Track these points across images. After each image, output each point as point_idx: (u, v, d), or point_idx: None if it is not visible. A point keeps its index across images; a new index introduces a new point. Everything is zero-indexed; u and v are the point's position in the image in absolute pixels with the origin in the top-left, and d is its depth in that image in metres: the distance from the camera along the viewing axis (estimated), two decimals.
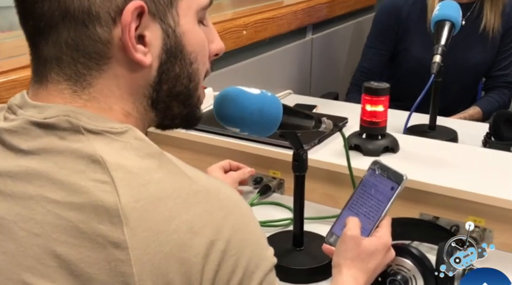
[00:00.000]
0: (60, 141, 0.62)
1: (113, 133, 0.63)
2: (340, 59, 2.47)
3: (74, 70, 0.64)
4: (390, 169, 0.97)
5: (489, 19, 1.81)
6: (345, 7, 2.41)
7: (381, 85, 1.31)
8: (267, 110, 0.91)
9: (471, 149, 1.41)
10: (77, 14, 0.62)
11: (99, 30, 0.63)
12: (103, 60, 0.64)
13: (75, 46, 0.63)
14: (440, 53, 1.48)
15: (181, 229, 0.58)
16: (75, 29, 0.62)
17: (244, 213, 0.64)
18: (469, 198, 1.15)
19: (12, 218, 0.60)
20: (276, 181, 1.36)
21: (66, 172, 0.60)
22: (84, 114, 0.63)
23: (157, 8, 0.65)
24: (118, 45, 0.64)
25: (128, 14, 0.62)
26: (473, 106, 1.90)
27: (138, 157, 0.61)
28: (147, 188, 0.59)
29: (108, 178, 0.59)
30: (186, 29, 0.68)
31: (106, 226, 0.57)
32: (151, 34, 0.65)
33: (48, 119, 0.63)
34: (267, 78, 1.98)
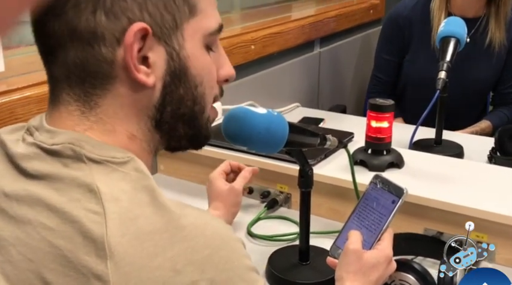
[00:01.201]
0: (63, 168, 0.63)
1: (114, 163, 0.64)
2: (348, 72, 2.49)
3: (82, 89, 0.67)
4: (391, 183, 0.99)
5: (494, 34, 1.83)
6: (352, 20, 2.44)
7: (386, 102, 1.34)
8: (274, 129, 0.94)
9: (476, 165, 1.43)
10: (83, 34, 0.64)
11: (104, 50, 0.65)
12: (107, 80, 0.66)
13: (81, 65, 0.66)
14: (445, 69, 1.50)
15: (164, 267, 0.58)
16: (82, 49, 0.65)
17: (230, 250, 0.63)
18: (472, 214, 1.16)
19: (12, 241, 0.62)
20: (283, 195, 1.39)
21: (63, 199, 0.61)
22: (89, 142, 0.65)
23: (162, 30, 0.66)
24: (121, 65, 0.65)
25: (131, 35, 0.64)
26: (484, 120, 1.92)
27: (134, 189, 0.62)
28: (136, 223, 0.59)
29: (100, 208, 0.59)
30: (191, 53, 0.69)
31: (91, 257, 0.58)
32: (155, 56, 0.67)
33: (55, 146, 0.65)
34: (275, 92, 2.01)
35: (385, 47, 2.05)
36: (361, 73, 2.53)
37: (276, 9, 2.40)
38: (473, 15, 1.86)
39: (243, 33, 1.85)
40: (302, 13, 2.30)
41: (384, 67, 2.07)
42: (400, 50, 2.00)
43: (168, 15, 0.67)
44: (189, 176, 1.51)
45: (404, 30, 1.96)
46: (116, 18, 0.64)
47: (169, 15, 0.67)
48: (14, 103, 1.18)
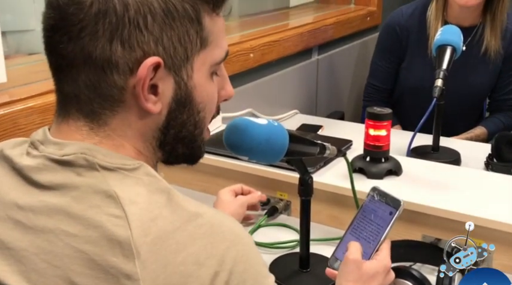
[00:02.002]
0: (77, 177, 0.66)
1: (126, 169, 0.67)
2: (346, 79, 2.51)
3: (90, 108, 0.69)
4: (388, 195, 1.01)
5: (490, 42, 1.85)
6: (350, 28, 2.46)
7: (384, 110, 1.36)
8: (274, 139, 0.96)
9: (473, 172, 1.45)
10: (97, 61, 0.67)
11: (116, 77, 0.67)
12: (116, 103, 0.69)
13: (92, 87, 0.68)
14: (442, 77, 1.52)
15: (187, 261, 0.63)
16: (94, 73, 0.67)
17: (245, 244, 0.68)
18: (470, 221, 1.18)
19: (34, 250, 0.64)
20: (283, 202, 1.40)
21: (82, 206, 0.64)
22: (100, 152, 0.68)
23: (173, 62, 0.69)
24: (131, 93, 0.68)
25: (145, 69, 0.67)
26: (479, 126, 1.94)
27: (149, 192, 0.66)
28: (156, 223, 0.63)
29: (121, 212, 0.63)
30: (198, 83, 0.73)
31: (119, 258, 0.61)
32: (164, 85, 0.70)
33: (66, 156, 0.67)
34: (274, 99, 2.03)
35: (382, 54, 2.07)
36: (358, 80, 2.55)
37: (274, 17, 2.43)
38: (470, 23, 1.88)
39: (242, 42, 1.86)
40: (300, 20, 2.32)
41: (380, 74, 2.09)
42: (397, 58, 2.02)
43: (180, 48, 0.69)
44: (189, 184, 1.53)
45: (401, 38, 1.98)
46: (132, 49, 0.66)
47: (182, 48, 0.69)
48: (16, 114, 1.20)
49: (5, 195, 0.69)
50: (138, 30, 0.66)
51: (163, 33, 0.67)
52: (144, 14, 0.66)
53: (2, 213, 0.68)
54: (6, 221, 0.67)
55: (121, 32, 0.66)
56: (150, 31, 0.66)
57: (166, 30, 0.67)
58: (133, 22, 0.66)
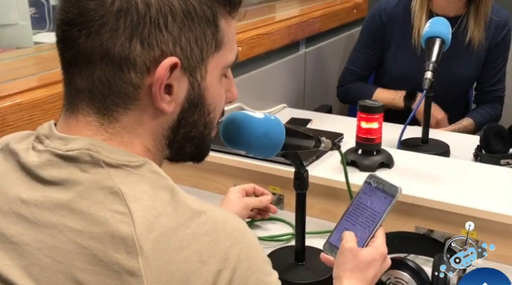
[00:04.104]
0: (81, 173, 0.66)
1: (131, 166, 0.67)
2: (333, 72, 2.51)
3: (103, 104, 0.69)
4: (386, 182, 1.02)
5: (473, 33, 1.86)
6: (337, 20, 2.46)
7: (375, 103, 1.37)
8: (272, 133, 0.96)
9: (463, 163, 1.47)
10: (115, 58, 0.66)
11: (133, 75, 0.67)
12: (130, 101, 0.69)
13: (107, 84, 0.68)
14: (431, 69, 1.53)
15: (191, 259, 0.63)
16: (111, 70, 0.67)
17: (249, 242, 0.68)
18: (462, 212, 1.20)
19: (37, 245, 0.64)
20: (275, 196, 1.40)
21: (86, 202, 0.64)
22: (105, 148, 0.68)
23: (189, 63, 0.69)
24: (146, 92, 0.68)
25: (163, 69, 0.67)
26: (466, 117, 1.95)
27: (153, 189, 0.66)
28: (160, 220, 0.63)
29: (125, 209, 0.63)
30: (210, 84, 0.73)
31: (122, 255, 0.61)
32: (179, 85, 0.70)
33: (71, 152, 0.67)
34: (262, 93, 2.03)
35: (365, 40, 2.06)
36: None
37: (260, 10, 2.42)
38: (454, 14, 1.89)
39: None
40: (287, 13, 2.31)
41: (361, 60, 2.08)
42: (379, 45, 2.01)
43: (197, 49, 0.70)
44: (180, 179, 1.52)
45: (386, 26, 1.98)
46: (150, 48, 0.66)
47: (198, 49, 0.70)
48: (5, 110, 1.18)
49: (9, 190, 0.68)
50: (158, 29, 0.66)
51: (181, 34, 0.67)
52: (165, 14, 0.66)
53: (5, 207, 0.67)
54: (10, 216, 0.67)
55: (141, 30, 0.66)
56: (170, 31, 0.67)
57: (185, 31, 0.68)
58: (154, 21, 0.66)
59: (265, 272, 0.69)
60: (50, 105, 1.22)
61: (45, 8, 2.35)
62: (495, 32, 1.92)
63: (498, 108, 1.97)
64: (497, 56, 1.94)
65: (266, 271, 0.70)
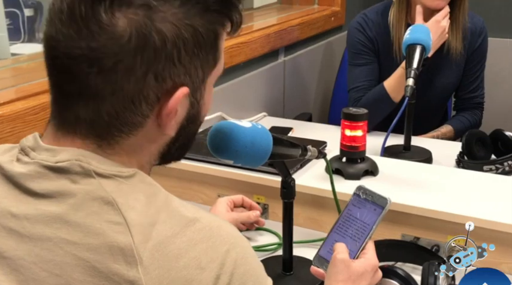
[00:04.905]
0: (72, 184, 0.65)
1: (122, 176, 0.66)
2: (312, 80, 2.52)
3: (106, 131, 0.68)
4: (374, 194, 1.02)
5: (451, 43, 1.86)
6: (315, 28, 2.46)
7: (359, 111, 1.36)
8: (259, 142, 0.95)
9: (447, 170, 1.47)
10: (128, 93, 0.65)
11: (144, 107, 0.67)
12: (136, 128, 0.68)
13: (115, 115, 0.66)
14: (413, 76, 1.53)
15: (189, 266, 0.63)
16: (121, 104, 0.66)
17: (244, 247, 0.69)
18: (447, 219, 1.20)
19: (32, 259, 0.63)
20: (260, 206, 1.39)
21: (81, 214, 0.63)
22: (94, 158, 0.66)
23: (194, 87, 0.70)
24: (154, 119, 0.68)
25: (177, 101, 0.67)
26: (445, 124, 1.96)
27: (146, 198, 0.66)
28: (156, 228, 0.63)
29: (121, 219, 0.63)
30: (207, 99, 0.74)
31: (121, 265, 0.61)
32: (182, 108, 0.70)
33: (60, 163, 0.65)
34: (242, 102, 2.02)
35: (359, 53, 1.94)
36: (324, 81, 2.56)
37: None
38: None
39: None
40: (266, 22, 2.31)
41: (365, 72, 1.91)
42: (374, 53, 1.93)
43: (201, 73, 0.70)
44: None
45: (371, 38, 1.95)
46: (163, 81, 0.66)
47: (202, 72, 0.70)
48: None
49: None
50: (172, 63, 0.66)
51: (191, 64, 0.68)
52: (179, 47, 0.66)
53: None
54: (0, 230, 0.65)
55: (157, 65, 0.65)
56: (183, 63, 0.67)
57: (194, 60, 0.68)
58: (169, 56, 0.65)
59: (262, 276, 0.70)
60: (31, 116, 1.19)
61: (19, 19, 2.31)
62: (472, 40, 1.93)
63: (478, 114, 1.99)
64: (475, 63, 1.95)
65: (262, 275, 0.71)
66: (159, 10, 0.64)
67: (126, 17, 0.63)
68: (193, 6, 0.66)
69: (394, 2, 1.90)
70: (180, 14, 0.65)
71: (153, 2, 0.64)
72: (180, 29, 0.65)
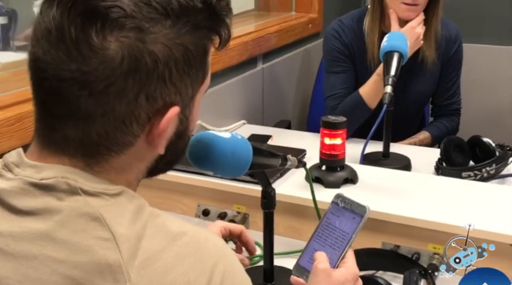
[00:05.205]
0: (58, 201, 0.64)
1: (108, 194, 0.65)
2: (291, 87, 2.52)
3: (95, 150, 0.67)
4: (353, 202, 1.01)
5: (425, 51, 1.86)
6: (293, 35, 2.46)
7: (338, 119, 1.36)
8: (239, 152, 0.95)
9: (426, 177, 1.48)
10: (119, 115, 0.64)
11: (135, 127, 0.66)
12: (126, 147, 0.68)
13: (105, 135, 0.65)
14: (391, 84, 1.54)
15: (178, 281, 0.63)
16: (112, 125, 0.65)
17: (231, 259, 0.69)
18: (427, 227, 1.20)
19: (18, 278, 0.62)
20: (240, 215, 1.38)
21: (67, 231, 0.62)
22: (81, 175, 0.65)
23: (183, 104, 0.69)
24: (144, 138, 0.68)
25: (168, 121, 0.67)
26: (423, 131, 1.97)
27: (133, 214, 0.65)
28: (143, 245, 0.63)
29: (109, 234, 0.62)
30: (195, 114, 0.74)
31: (109, 282, 0.60)
32: (171, 125, 0.69)
33: (46, 180, 0.64)
34: (222, 110, 2.01)
35: (335, 60, 1.93)
36: (303, 88, 2.56)
37: None
38: None
39: None
40: (243, 29, 2.30)
41: (341, 79, 1.91)
42: (351, 60, 1.93)
43: (191, 90, 0.69)
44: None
45: (347, 45, 1.95)
46: (154, 101, 0.66)
47: (191, 90, 0.69)
48: None
49: None
50: (163, 83, 0.65)
51: (182, 82, 0.67)
52: (170, 67, 0.65)
53: None
54: None
55: (148, 86, 0.64)
56: (174, 83, 0.66)
57: (184, 78, 0.67)
58: (161, 76, 0.65)
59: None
60: (6, 128, 1.16)
61: None
62: (447, 48, 1.94)
63: (455, 120, 2.00)
64: (450, 70, 1.96)
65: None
66: (151, 32, 0.63)
67: (118, 40, 0.62)
68: (184, 25, 0.66)
69: (368, 9, 1.91)
70: (171, 34, 0.65)
71: (145, 24, 0.63)
72: (172, 49, 0.65)
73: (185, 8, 0.66)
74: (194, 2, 0.67)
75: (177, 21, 0.65)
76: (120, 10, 0.62)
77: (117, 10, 0.62)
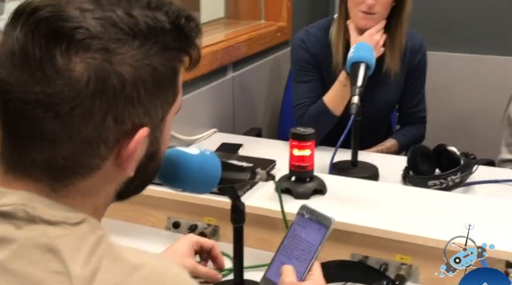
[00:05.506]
0: (16, 230, 0.62)
1: (68, 223, 0.64)
2: (261, 95, 2.53)
3: (61, 173, 0.65)
4: (318, 213, 1.02)
5: (389, 64, 1.87)
6: (262, 44, 2.48)
7: (307, 130, 1.38)
8: (208, 169, 0.95)
9: (393, 187, 1.50)
10: (86, 137, 0.63)
11: (102, 150, 0.65)
12: (93, 170, 0.66)
13: (71, 158, 0.64)
14: (358, 94, 1.56)
15: None
16: (79, 147, 0.64)
17: None
18: (395, 237, 1.22)
19: None
20: (210, 227, 1.38)
21: (21, 262, 0.60)
22: (42, 202, 0.64)
23: (154, 125, 0.68)
24: (113, 161, 0.66)
25: (137, 142, 0.66)
26: (389, 138, 1.99)
27: (90, 246, 0.63)
28: (98, 278, 0.61)
29: (62, 268, 0.60)
30: (166, 135, 0.72)
31: None
32: (141, 147, 0.68)
33: (5, 207, 0.63)
34: (192, 119, 2.01)
35: (302, 69, 1.96)
36: (273, 95, 2.58)
37: None
38: None
39: None
40: (213, 38, 2.31)
41: (308, 88, 1.93)
42: (318, 70, 1.95)
43: (160, 111, 0.68)
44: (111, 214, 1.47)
45: (314, 54, 1.97)
46: (123, 123, 0.64)
47: (161, 110, 0.68)
48: None
49: None
50: (131, 105, 0.64)
51: (151, 103, 0.66)
52: (138, 88, 0.64)
53: None
54: None
55: (116, 108, 0.63)
56: (142, 104, 0.65)
57: (153, 99, 0.66)
58: (129, 98, 0.64)
59: None
60: None
61: None
62: (411, 57, 1.96)
63: (421, 128, 2.03)
64: (415, 79, 1.99)
65: None
66: (118, 53, 0.62)
67: (84, 61, 0.61)
68: (152, 45, 0.65)
69: (335, 19, 1.93)
70: (139, 55, 0.64)
71: (112, 45, 0.62)
72: (140, 70, 0.64)
73: (153, 29, 0.65)
74: (162, 23, 0.66)
75: (145, 42, 0.65)
76: (85, 31, 0.62)
77: (82, 31, 0.61)
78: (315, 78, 1.95)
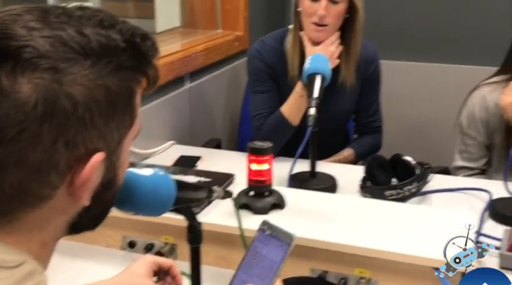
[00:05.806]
0: None
1: (5, 267, 0.60)
2: (219, 105, 2.51)
3: (7, 205, 0.61)
4: (279, 229, 1.01)
5: (344, 75, 1.89)
6: (219, 53, 2.46)
7: (264, 144, 1.37)
8: (161, 190, 0.92)
9: (351, 199, 1.51)
10: (34, 163, 0.59)
11: (53, 177, 0.60)
12: (43, 200, 0.62)
13: (19, 188, 0.60)
14: (314, 106, 1.56)
15: None
16: (27, 175, 0.59)
17: None
18: (353, 251, 1.22)
19: None
20: (168, 246, 1.36)
21: None
22: None
23: (109, 150, 0.64)
24: (65, 189, 0.62)
25: (92, 169, 0.61)
26: (346, 148, 2.00)
27: None
28: None
29: None
30: (123, 160, 0.68)
31: None
32: (96, 174, 0.64)
33: None
34: (149, 131, 1.97)
35: (259, 79, 1.96)
36: (232, 105, 2.56)
37: None
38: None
39: None
40: (169, 48, 2.28)
41: (266, 99, 1.93)
42: (275, 81, 1.95)
43: (117, 135, 0.64)
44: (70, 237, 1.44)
45: (270, 65, 1.96)
46: (75, 148, 0.60)
47: (118, 134, 0.64)
48: None
49: None
50: (84, 127, 0.60)
51: (106, 127, 0.62)
52: (91, 110, 0.60)
53: None
54: None
55: (67, 132, 0.59)
56: (96, 127, 0.61)
57: (108, 122, 0.62)
58: (81, 120, 0.59)
59: None
60: None
61: None
62: (365, 68, 1.97)
63: (377, 137, 2.05)
64: (369, 89, 2.00)
65: None
66: (68, 72, 0.59)
67: (31, 82, 0.57)
68: (105, 65, 0.61)
69: (290, 29, 1.93)
70: (92, 75, 0.60)
71: (61, 65, 0.59)
72: (92, 91, 0.60)
73: (106, 48, 0.62)
74: (116, 42, 0.63)
75: (98, 61, 0.61)
76: (33, 50, 0.58)
77: (30, 50, 0.58)
78: (271, 88, 1.95)
